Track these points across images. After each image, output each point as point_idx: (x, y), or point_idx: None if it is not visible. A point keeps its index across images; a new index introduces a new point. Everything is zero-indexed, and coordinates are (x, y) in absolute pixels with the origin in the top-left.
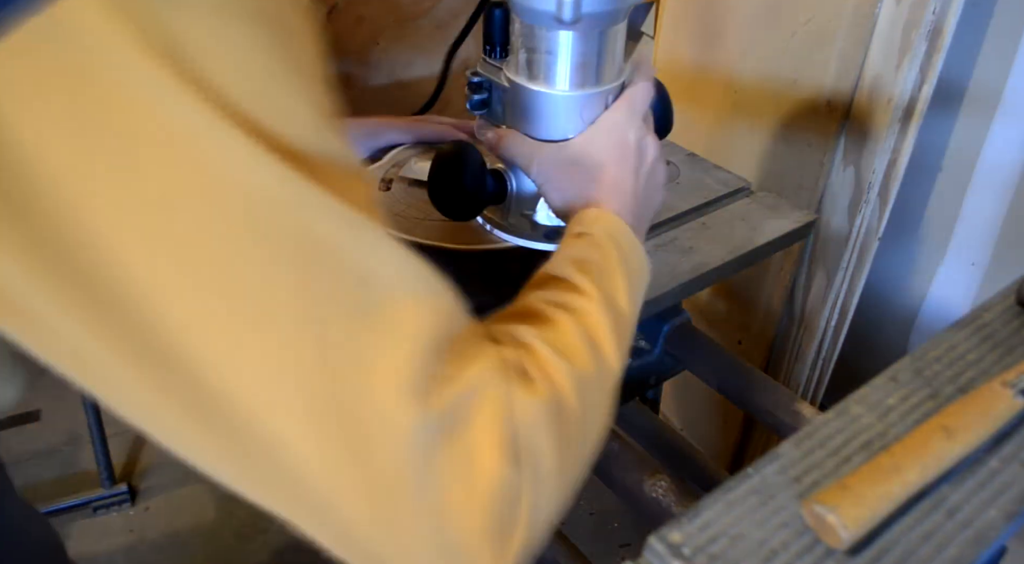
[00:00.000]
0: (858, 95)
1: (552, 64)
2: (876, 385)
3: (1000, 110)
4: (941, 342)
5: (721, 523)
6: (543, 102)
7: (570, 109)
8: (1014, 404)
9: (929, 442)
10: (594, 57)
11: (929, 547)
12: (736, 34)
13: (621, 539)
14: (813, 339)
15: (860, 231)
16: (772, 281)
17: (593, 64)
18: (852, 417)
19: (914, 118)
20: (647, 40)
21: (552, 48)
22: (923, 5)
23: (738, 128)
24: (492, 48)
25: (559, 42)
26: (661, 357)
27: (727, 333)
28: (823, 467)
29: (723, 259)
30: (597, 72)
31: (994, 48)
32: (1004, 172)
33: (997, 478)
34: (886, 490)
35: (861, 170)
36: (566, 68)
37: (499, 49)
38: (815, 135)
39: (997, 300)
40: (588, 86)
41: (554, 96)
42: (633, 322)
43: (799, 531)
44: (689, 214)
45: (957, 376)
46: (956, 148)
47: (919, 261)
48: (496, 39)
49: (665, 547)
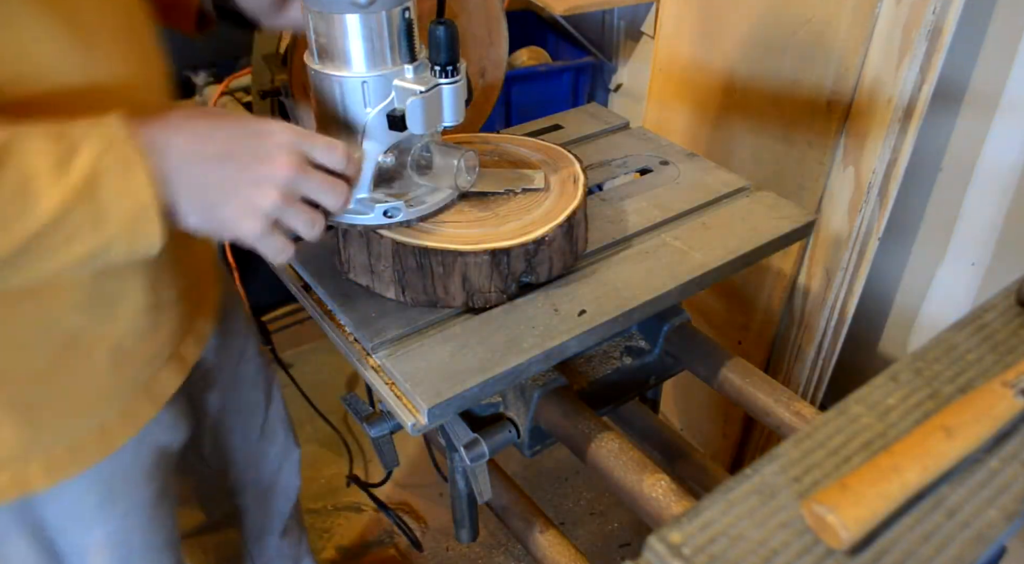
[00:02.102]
0: (858, 95)
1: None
2: (876, 385)
3: (1000, 110)
4: (941, 342)
5: (721, 523)
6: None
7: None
8: (1014, 404)
9: (929, 442)
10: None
11: (929, 547)
12: (736, 34)
13: (621, 539)
14: (813, 339)
15: (860, 231)
16: (772, 281)
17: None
18: (852, 417)
19: (914, 118)
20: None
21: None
22: (923, 5)
23: (738, 128)
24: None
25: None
26: (661, 357)
27: (727, 333)
28: (823, 467)
29: (723, 259)
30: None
31: (994, 48)
32: (1004, 172)
33: (997, 478)
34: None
35: (861, 170)
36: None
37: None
38: (815, 135)
39: (997, 300)
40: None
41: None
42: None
43: (799, 531)
44: (689, 214)
45: (957, 376)
46: (956, 148)
47: (919, 261)
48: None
49: (665, 547)
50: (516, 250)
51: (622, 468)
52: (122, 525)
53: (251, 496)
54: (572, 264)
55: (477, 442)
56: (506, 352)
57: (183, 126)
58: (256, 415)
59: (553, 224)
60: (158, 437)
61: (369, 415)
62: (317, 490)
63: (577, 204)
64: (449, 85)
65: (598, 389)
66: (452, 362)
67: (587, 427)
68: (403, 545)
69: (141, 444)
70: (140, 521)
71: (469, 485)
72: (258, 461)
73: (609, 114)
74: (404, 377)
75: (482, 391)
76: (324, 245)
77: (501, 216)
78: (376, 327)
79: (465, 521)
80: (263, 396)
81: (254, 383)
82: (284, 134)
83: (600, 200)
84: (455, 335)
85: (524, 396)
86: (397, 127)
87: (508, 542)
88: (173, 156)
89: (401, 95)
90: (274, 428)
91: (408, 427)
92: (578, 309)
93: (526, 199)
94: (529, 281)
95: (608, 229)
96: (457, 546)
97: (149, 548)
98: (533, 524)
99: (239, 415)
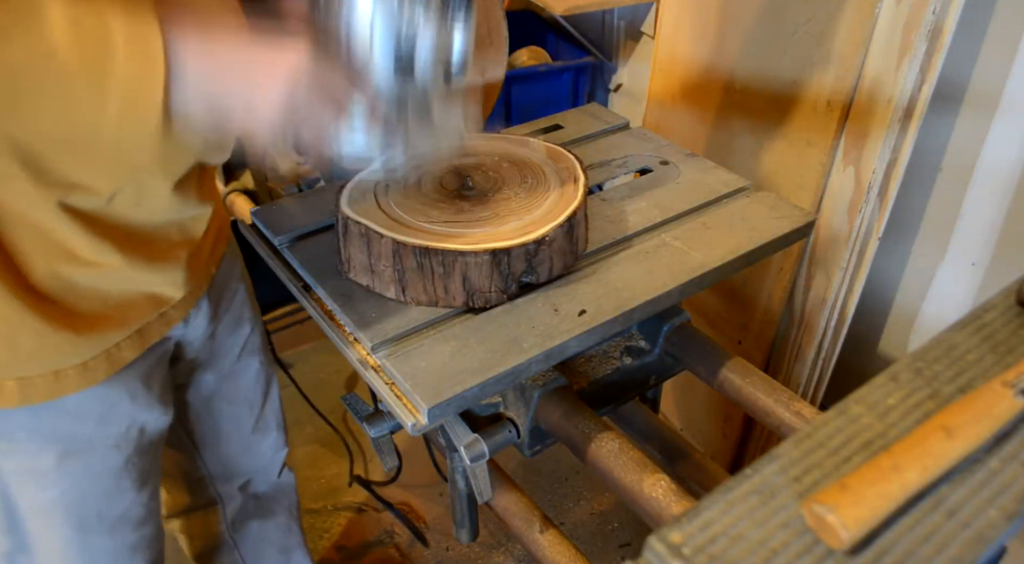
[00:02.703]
0: (858, 95)
1: None
2: (876, 385)
3: (1000, 110)
4: (941, 342)
5: (721, 523)
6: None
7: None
8: (1014, 404)
9: (929, 442)
10: None
11: (929, 547)
12: (736, 34)
13: (621, 539)
14: (813, 339)
15: (860, 231)
16: (772, 281)
17: None
18: (852, 417)
19: (914, 118)
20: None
21: None
22: (923, 5)
23: (738, 128)
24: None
25: None
26: (661, 357)
27: (727, 333)
28: (823, 467)
29: (723, 259)
30: None
31: (994, 48)
32: (1004, 172)
33: (997, 478)
34: (886, 490)
35: (861, 170)
36: None
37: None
38: (815, 135)
39: (997, 300)
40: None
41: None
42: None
43: (799, 531)
44: (689, 214)
45: (957, 376)
46: (956, 148)
47: (919, 261)
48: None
49: (665, 547)
50: (516, 250)
51: (622, 468)
52: (78, 488)
53: (236, 485)
54: (572, 264)
55: (477, 442)
56: (506, 352)
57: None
58: (253, 408)
59: (553, 224)
60: (132, 413)
61: (369, 415)
62: (317, 490)
63: (577, 204)
64: (461, 25)
65: (598, 389)
66: (452, 362)
67: (587, 427)
68: (403, 545)
69: (109, 413)
70: (98, 489)
71: (469, 485)
72: (248, 453)
73: (609, 114)
74: (404, 377)
75: (482, 391)
76: (324, 245)
77: (502, 216)
78: (376, 327)
79: (465, 521)
80: (262, 391)
81: (255, 377)
82: (299, 53)
83: (600, 200)
84: (455, 335)
85: (524, 396)
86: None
87: (508, 542)
88: (189, 33)
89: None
90: (268, 424)
91: (408, 427)
92: (578, 309)
93: (527, 199)
94: (529, 281)
95: (608, 229)
96: (457, 546)
97: (103, 519)
98: (533, 524)
99: (234, 405)
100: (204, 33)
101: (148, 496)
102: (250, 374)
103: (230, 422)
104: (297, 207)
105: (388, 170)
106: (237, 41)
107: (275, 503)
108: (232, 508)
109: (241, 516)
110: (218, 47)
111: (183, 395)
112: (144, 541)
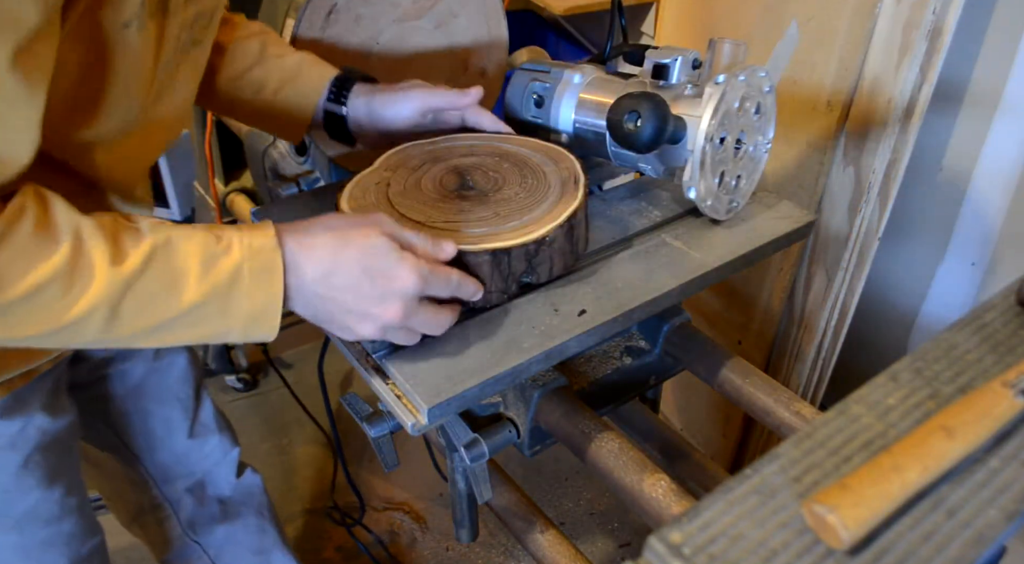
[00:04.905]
0: (858, 95)
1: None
2: (876, 385)
3: (1000, 110)
4: (941, 342)
5: (721, 523)
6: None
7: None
8: (1014, 404)
9: (929, 442)
10: None
11: (929, 547)
12: (736, 34)
13: (621, 539)
14: (813, 339)
15: (860, 231)
16: (772, 281)
17: None
18: (852, 417)
19: (914, 118)
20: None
21: None
22: (923, 5)
23: None
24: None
25: None
26: (661, 357)
27: (727, 333)
28: (823, 467)
29: (723, 259)
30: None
31: (994, 48)
32: (1004, 172)
33: (997, 478)
34: (886, 490)
35: (861, 170)
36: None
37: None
38: (815, 135)
39: (997, 300)
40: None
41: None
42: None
43: (799, 531)
44: (689, 214)
45: (957, 376)
46: (956, 148)
47: (919, 261)
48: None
49: (665, 547)
50: (517, 250)
51: (622, 468)
52: None
53: (182, 487)
54: (572, 264)
55: (477, 442)
56: (506, 352)
57: (317, 246)
58: (185, 410)
59: (554, 224)
60: (30, 414)
61: (369, 415)
62: (316, 491)
63: (578, 204)
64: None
65: (598, 389)
66: (452, 362)
67: (587, 427)
68: (403, 545)
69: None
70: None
71: (469, 485)
72: (190, 455)
73: None
74: (404, 377)
75: (482, 391)
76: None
77: (502, 216)
78: None
79: (465, 521)
80: (191, 390)
81: (182, 376)
82: (408, 279)
83: (600, 200)
84: (455, 335)
85: (524, 396)
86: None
87: (508, 542)
88: (307, 274)
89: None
90: (207, 426)
91: (408, 427)
92: (578, 309)
93: (527, 199)
94: (530, 281)
95: (608, 229)
96: (457, 546)
97: (6, 516)
98: (533, 524)
99: (163, 406)
100: (320, 276)
101: (62, 493)
102: (175, 372)
103: (163, 425)
104: (297, 207)
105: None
106: (346, 285)
107: (241, 505)
108: (185, 511)
109: (202, 519)
110: (329, 292)
111: (103, 391)
112: (61, 537)
